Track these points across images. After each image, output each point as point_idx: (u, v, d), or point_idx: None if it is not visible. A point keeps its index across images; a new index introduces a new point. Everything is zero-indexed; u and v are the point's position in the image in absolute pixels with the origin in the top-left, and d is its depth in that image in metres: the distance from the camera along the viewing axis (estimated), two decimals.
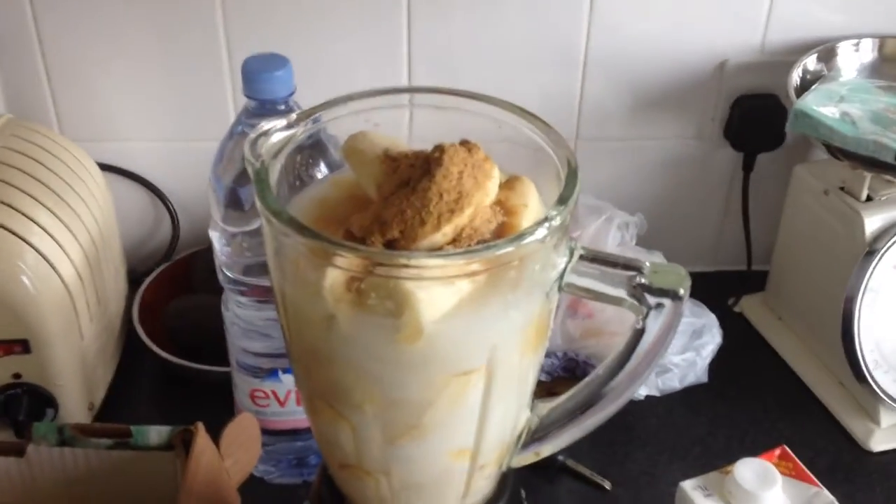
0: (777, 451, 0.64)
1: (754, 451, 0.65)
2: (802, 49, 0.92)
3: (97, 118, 0.95)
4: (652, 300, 0.47)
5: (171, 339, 0.91)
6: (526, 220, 0.50)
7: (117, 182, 0.97)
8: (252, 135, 0.49)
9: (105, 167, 0.94)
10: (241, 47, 0.66)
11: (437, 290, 0.44)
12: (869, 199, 0.85)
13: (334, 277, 0.44)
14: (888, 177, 0.84)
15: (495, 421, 0.51)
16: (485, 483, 0.57)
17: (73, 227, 0.81)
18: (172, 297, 0.94)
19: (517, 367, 0.50)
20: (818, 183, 0.89)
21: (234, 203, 0.70)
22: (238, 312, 0.74)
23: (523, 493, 0.63)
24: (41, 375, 0.79)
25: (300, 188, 0.53)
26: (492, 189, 0.49)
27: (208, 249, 0.93)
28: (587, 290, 0.48)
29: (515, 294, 0.46)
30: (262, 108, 0.68)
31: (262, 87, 0.67)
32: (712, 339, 0.87)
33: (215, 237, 0.72)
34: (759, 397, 0.91)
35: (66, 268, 0.79)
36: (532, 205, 0.51)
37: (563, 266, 0.48)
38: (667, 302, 0.47)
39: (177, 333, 0.92)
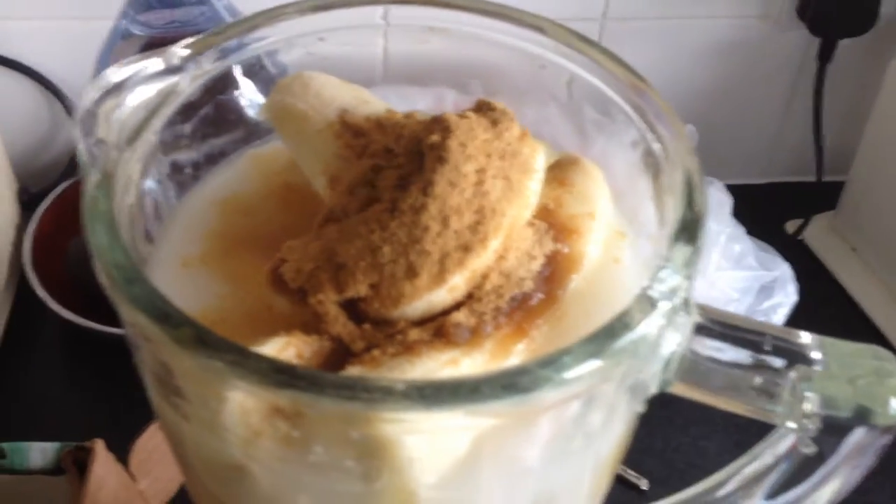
0: None
1: None
2: None
3: None
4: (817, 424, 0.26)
5: (74, 287, 0.72)
6: (593, 244, 0.28)
7: None
8: (91, 94, 0.26)
9: None
10: None
11: (442, 435, 0.23)
12: None
13: (242, 405, 0.23)
14: None
15: None
16: None
17: None
18: (78, 225, 0.74)
19: None
20: None
21: None
22: None
23: None
24: None
25: (191, 181, 0.30)
26: (533, 193, 0.27)
27: None
28: (710, 394, 0.26)
29: (582, 425, 0.25)
30: None
31: None
32: (787, 297, 0.66)
33: None
34: None
35: None
36: (601, 211, 0.29)
37: (668, 353, 0.26)
38: (857, 431, 0.26)
39: (82, 281, 0.72)
